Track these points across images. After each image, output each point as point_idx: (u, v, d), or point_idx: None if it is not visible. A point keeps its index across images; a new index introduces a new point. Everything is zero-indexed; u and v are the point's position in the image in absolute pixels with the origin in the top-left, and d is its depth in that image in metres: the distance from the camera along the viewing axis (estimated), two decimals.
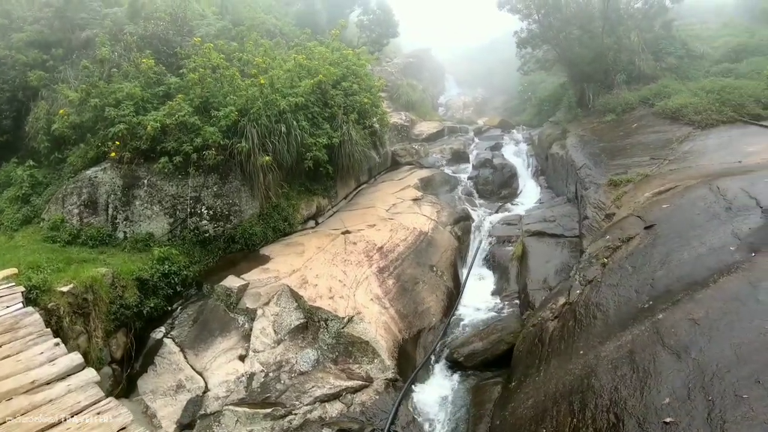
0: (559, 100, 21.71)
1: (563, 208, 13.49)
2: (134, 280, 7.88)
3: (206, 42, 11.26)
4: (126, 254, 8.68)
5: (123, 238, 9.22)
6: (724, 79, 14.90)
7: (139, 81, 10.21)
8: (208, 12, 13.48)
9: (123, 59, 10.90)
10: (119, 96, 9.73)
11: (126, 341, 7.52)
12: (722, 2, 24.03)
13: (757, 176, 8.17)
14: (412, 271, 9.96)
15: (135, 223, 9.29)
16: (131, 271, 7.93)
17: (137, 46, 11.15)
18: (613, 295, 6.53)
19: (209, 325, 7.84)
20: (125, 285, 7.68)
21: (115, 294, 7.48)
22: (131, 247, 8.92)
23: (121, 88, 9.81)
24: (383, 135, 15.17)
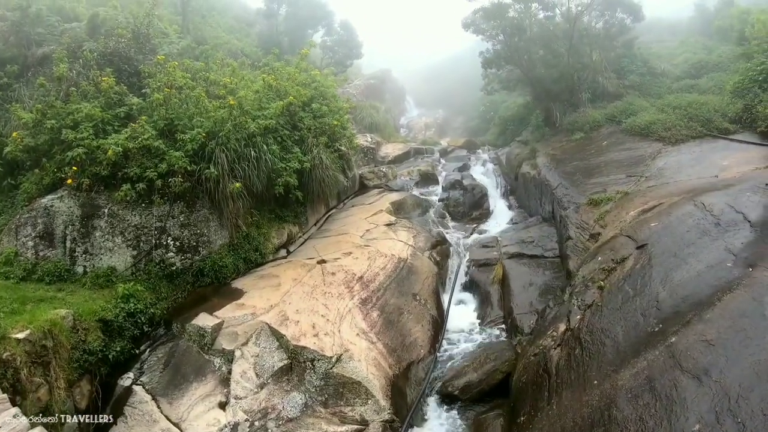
0: (524, 120, 22.26)
1: (540, 229, 13.63)
2: (97, 322, 7.32)
3: (170, 61, 10.87)
4: (87, 291, 8.09)
5: (83, 273, 8.60)
6: (690, 95, 15.64)
7: (99, 101, 9.70)
8: (170, 30, 13.08)
9: (82, 77, 10.37)
10: (77, 117, 9.20)
11: (91, 390, 6.93)
12: (677, 20, 25.39)
13: (737, 190, 8.46)
14: (395, 301, 9.73)
15: (95, 256, 8.69)
16: (93, 312, 7.37)
17: (97, 64, 10.64)
18: (618, 319, 6.50)
19: (182, 369, 7.32)
20: (87, 327, 7.12)
21: (77, 338, 6.92)
22: (92, 282, 8.32)
23: (79, 109, 9.28)
24: (351, 158, 15.02)
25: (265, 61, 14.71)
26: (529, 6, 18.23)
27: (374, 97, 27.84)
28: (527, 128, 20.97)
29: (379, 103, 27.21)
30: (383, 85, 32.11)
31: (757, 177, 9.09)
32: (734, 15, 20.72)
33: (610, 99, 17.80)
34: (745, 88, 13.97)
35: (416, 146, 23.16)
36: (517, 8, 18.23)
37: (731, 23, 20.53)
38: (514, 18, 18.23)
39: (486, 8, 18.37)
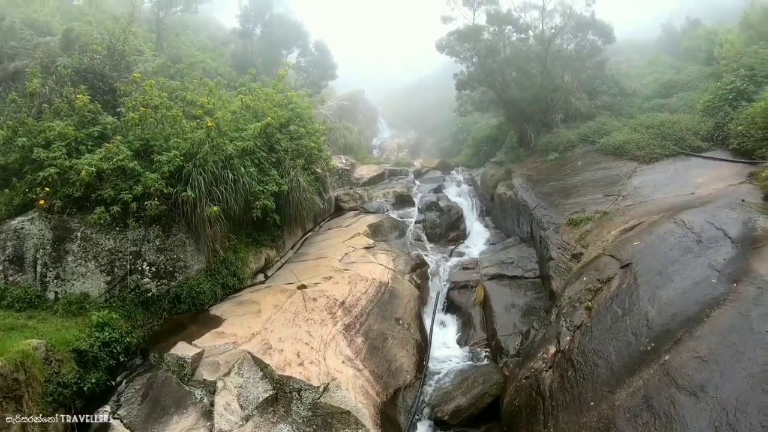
0: (497, 140, 22.70)
1: (519, 249, 13.78)
2: (71, 352, 7.09)
3: (145, 79, 10.75)
4: (59, 319, 7.84)
5: (54, 300, 8.33)
6: (662, 115, 16.19)
7: (73, 119, 9.49)
8: (145, 48, 12.96)
9: (55, 94, 10.14)
10: (50, 135, 8.99)
11: (66, 425, 6.64)
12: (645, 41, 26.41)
13: (714, 207, 8.79)
14: (378, 326, 9.70)
15: (67, 281, 8.43)
16: (67, 341, 7.14)
17: (71, 80, 10.45)
18: (610, 339, 6.61)
19: (162, 402, 7.10)
20: (61, 359, 6.88)
21: (51, 370, 6.68)
22: (64, 310, 8.06)
23: (52, 127, 9.07)
24: (327, 180, 15.03)
25: (242, 82, 14.68)
26: (503, 29, 18.76)
27: (347, 118, 28.09)
28: (501, 149, 21.38)
29: (353, 124, 27.47)
30: (356, 106, 32.42)
31: (733, 193, 9.47)
32: (701, 35, 21.69)
33: (583, 119, 18.32)
34: (716, 106, 14.50)
35: (390, 168, 23.36)
36: (492, 30, 18.76)
37: (698, 44, 21.45)
38: (489, 40, 18.72)
39: (461, 31, 18.85)
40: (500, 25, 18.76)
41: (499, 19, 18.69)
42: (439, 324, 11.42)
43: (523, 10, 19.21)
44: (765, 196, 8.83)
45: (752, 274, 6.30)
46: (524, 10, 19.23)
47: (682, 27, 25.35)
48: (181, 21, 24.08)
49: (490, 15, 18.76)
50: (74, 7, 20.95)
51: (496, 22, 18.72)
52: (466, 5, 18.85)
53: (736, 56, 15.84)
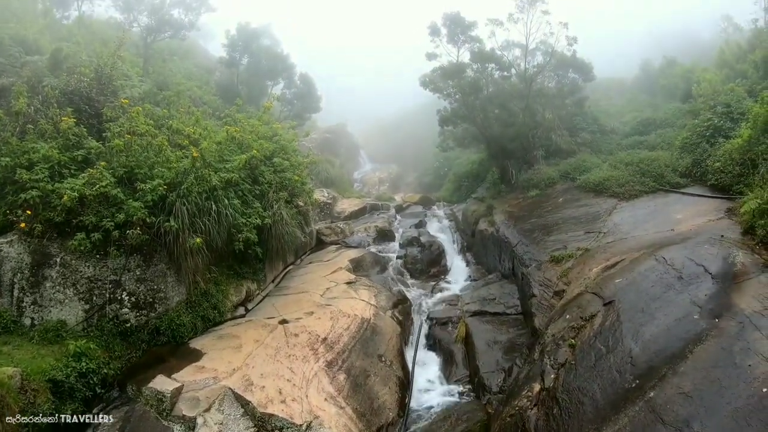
0: (479, 176, 23.10)
1: (501, 286, 13.93)
2: (47, 382, 6.97)
3: (132, 105, 10.81)
4: (35, 346, 7.72)
5: (30, 326, 8.21)
6: (641, 152, 16.70)
7: (57, 142, 9.44)
8: (132, 73, 13.02)
9: (40, 115, 10.05)
10: (34, 157, 8.94)
11: None
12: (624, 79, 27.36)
13: (695, 243, 9.08)
14: (361, 363, 9.70)
15: (45, 308, 8.32)
16: (43, 370, 7.03)
17: (57, 102, 10.36)
18: (594, 377, 6.73)
19: None
20: (37, 388, 6.76)
21: (26, 400, 6.55)
22: (40, 337, 7.95)
23: (36, 148, 9.03)
24: (309, 213, 15.11)
25: (228, 112, 14.82)
26: (486, 66, 19.35)
27: (329, 151, 28.40)
28: (483, 185, 21.76)
29: (335, 157, 27.79)
30: (339, 139, 32.84)
31: (712, 229, 9.78)
32: (678, 74, 22.52)
33: (564, 156, 18.82)
34: (694, 143, 14.90)
35: (372, 202, 23.54)
36: (475, 68, 19.33)
37: (675, 82, 22.26)
38: (472, 77, 19.27)
39: (445, 67, 19.37)
40: (483, 63, 19.35)
41: (483, 57, 19.29)
42: (422, 361, 11.42)
43: (505, 48, 19.91)
44: (744, 231, 9.11)
45: (733, 309, 6.53)
46: (507, 48, 19.93)
47: (660, 65, 26.29)
48: (168, 47, 24.33)
49: (473, 53, 19.37)
50: (64, 27, 21.04)
51: (479, 60, 19.31)
52: (451, 43, 19.45)
53: (713, 94, 16.33)
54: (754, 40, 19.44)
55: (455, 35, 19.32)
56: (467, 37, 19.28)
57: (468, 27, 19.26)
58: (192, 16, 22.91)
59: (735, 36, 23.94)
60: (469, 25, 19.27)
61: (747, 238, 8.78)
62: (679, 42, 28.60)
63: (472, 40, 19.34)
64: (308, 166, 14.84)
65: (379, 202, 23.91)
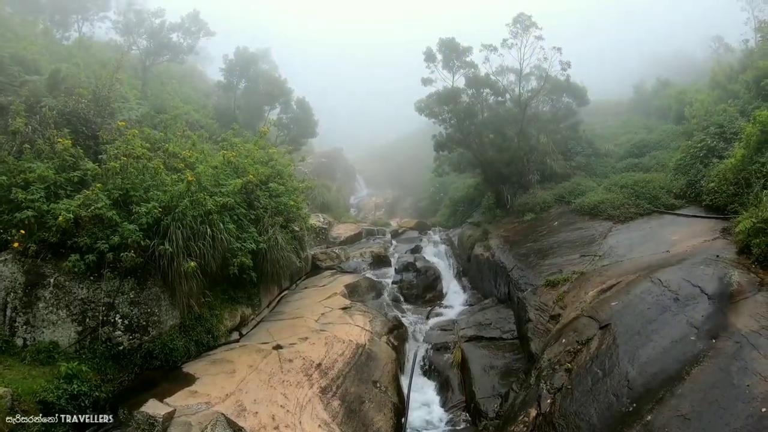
0: (474, 201, 23.20)
1: (497, 311, 13.89)
2: (38, 403, 6.90)
3: (129, 127, 10.90)
4: (26, 367, 7.67)
5: (23, 346, 8.16)
6: (635, 174, 16.79)
7: (54, 162, 9.49)
8: (130, 95, 13.14)
9: (38, 135, 10.12)
10: (30, 177, 8.95)
11: None
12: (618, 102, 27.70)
13: (691, 264, 9.05)
14: (355, 389, 9.62)
15: (37, 329, 8.28)
16: (34, 392, 6.96)
17: (55, 123, 10.44)
18: (591, 401, 6.69)
19: None
20: (27, 410, 6.69)
21: (16, 423, 6.46)
22: (32, 357, 7.91)
23: (32, 168, 9.05)
24: (305, 238, 15.13)
25: (224, 137, 14.94)
26: (480, 91, 19.62)
27: (326, 176, 28.57)
28: (478, 209, 21.83)
29: (331, 182, 27.94)
30: (335, 164, 33.05)
31: (707, 249, 9.80)
32: (671, 95, 22.80)
33: (558, 180, 18.96)
34: (688, 164, 15.01)
35: (368, 227, 23.62)
36: (470, 93, 19.60)
37: (669, 103, 22.52)
38: (467, 102, 19.53)
39: (440, 93, 19.63)
40: (478, 88, 19.62)
41: (477, 82, 19.56)
42: (417, 387, 11.33)
43: (500, 73, 20.19)
44: (739, 251, 9.12)
45: (730, 329, 6.52)
46: (501, 73, 20.22)
47: (653, 87, 26.61)
48: (167, 70, 24.62)
49: (468, 78, 19.65)
50: (63, 48, 21.24)
51: (474, 85, 19.57)
52: (446, 68, 19.73)
53: (706, 115, 16.48)
54: (745, 60, 19.73)
55: (450, 61, 19.62)
56: (462, 63, 19.58)
57: (463, 53, 19.57)
58: (191, 39, 23.31)
59: (726, 57, 24.33)
60: (464, 51, 19.58)
61: (743, 258, 8.80)
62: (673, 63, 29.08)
63: (467, 66, 19.64)
64: (304, 191, 14.91)
65: (375, 227, 24.00)
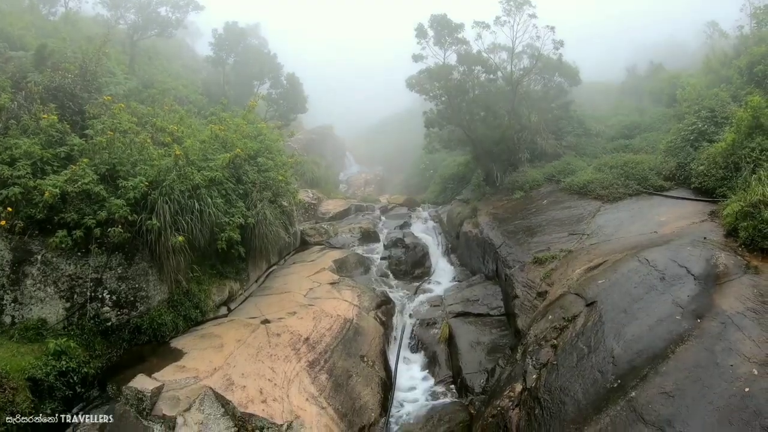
0: (464, 178, 23.12)
1: (484, 287, 13.93)
2: (26, 380, 6.85)
3: (116, 102, 10.66)
4: (14, 344, 7.59)
5: (10, 324, 8.06)
6: (625, 155, 16.79)
7: (39, 138, 9.27)
8: (118, 70, 12.82)
9: (23, 110, 9.88)
10: (16, 153, 8.74)
11: None
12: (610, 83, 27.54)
13: (678, 245, 9.10)
14: (343, 363, 9.63)
15: (25, 306, 8.18)
16: (22, 369, 6.91)
17: (41, 98, 10.22)
18: (576, 377, 6.72)
19: None
20: (16, 387, 6.63)
21: (5, 399, 6.43)
22: (20, 335, 7.82)
23: (18, 144, 8.84)
24: (293, 214, 15.02)
25: (212, 111, 14.67)
26: (472, 69, 19.38)
27: (315, 152, 28.34)
28: (468, 187, 21.78)
29: (320, 158, 27.68)
30: (324, 141, 32.78)
31: (695, 231, 9.86)
32: (664, 79, 22.69)
33: (549, 159, 18.91)
34: (678, 147, 15.08)
35: (357, 203, 23.50)
36: (461, 70, 19.36)
37: (661, 87, 22.44)
38: (458, 80, 19.30)
39: (431, 69, 19.39)
40: (470, 65, 19.38)
41: (469, 59, 19.32)
42: (404, 361, 11.39)
43: (492, 51, 19.95)
44: (726, 234, 9.20)
45: (715, 310, 6.55)
46: (493, 51, 19.97)
47: (646, 71, 26.49)
48: (154, 46, 24.13)
49: (460, 55, 19.40)
50: (50, 24, 20.78)
51: (466, 63, 19.34)
52: (437, 45, 19.44)
53: (698, 98, 16.48)
54: (739, 46, 19.62)
55: (442, 37, 19.33)
56: (454, 39, 19.30)
57: (455, 29, 19.28)
58: (179, 14, 22.77)
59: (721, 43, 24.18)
60: (455, 28, 19.29)
61: (730, 241, 8.87)
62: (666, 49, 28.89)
63: (459, 43, 19.37)
64: (293, 166, 14.75)
65: (364, 203, 23.88)
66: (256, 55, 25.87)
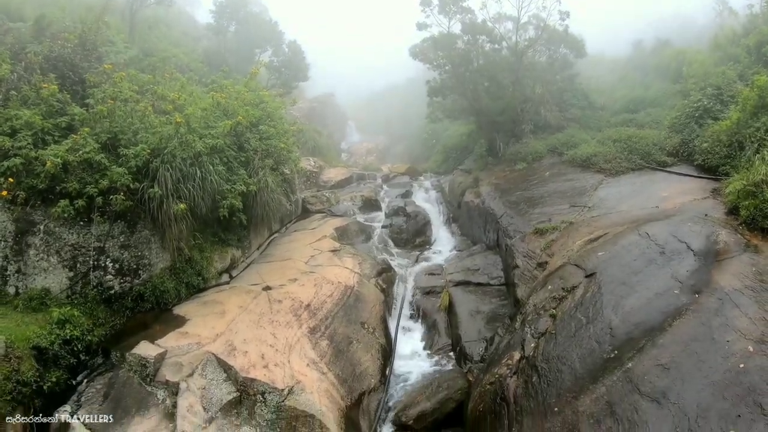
0: (467, 148, 22.93)
1: (485, 257, 13.92)
2: (31, 349, 6.89)
3: (116, 71, 10.53)
4: (19, 314, 7.64)
5: (14, 294, 8.12)
6: (629, 129, 16.60)
7: (40, 108, 9.19)
8: (117, 39, 12.61)
9: (23, 81, 9.79)
10: (16, 124, 8.68)
11: (24, 425, 6.44)
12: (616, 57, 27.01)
13: (679, 220, 9.07)
14: (343, 329, 9.70)
15: (29, 276, 8.22)
16: (27, 338, 6.95)
17: (41, 68, 10.12)
18: (573, 346, 6.76)
19: (123, 402, 6.93)
20: (21, 356, 6.68)
21: (10, 368, 6.48)
22: (24, 305, 7.87)
23: (19, 115, 8.76)
24: (295, 182, 14.94)
25: (213, 79, 14.47)
26: (477, 38, 19.01)
27: (317, 121, 28.06)
28: (470, 157, 21.61)
29: (322, 127, 27.42)
30: (326, 109, 32.46)
31: (696, 208, 9.80)
32: (670, 55, 22.27)
33: (552, 131, 18.69)
34: (682, 123, 14.88)
35: (358, 171, 23.37)
36: (466, 40, 18.99)
37: (668, 63, 22.05)
38: (462, 49, 18.94)
39: (435, 38, 19.04)
40: (474, 35, 19.01)
41: (474, 28, 18.95)
42: (404, 329, 11.47)
43: (497, 21, 19.55)
44: (728, 211, 9.15)
45: (713, 286, 6.55)
46: (498, 21, 19.58)
47: (653, 46, 26.00)
48: (154, 14, 23.65)
49: (465, 24, 19.01)
50: None
51: (470, 32, 18.97)
52: (442, 13, 19.05)
53: (704, 75, 16.24)
54: (748, 25, 19.16)
55: (447, 5, 18.89)
56: (459, 8, 18.87)
57: None
58: None
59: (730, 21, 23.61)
60: None
61: (730, 218, 8.82)
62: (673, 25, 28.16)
63: (464, 11, 18.94)
64: (295, 134, 14.61)
65: (366, 171, 23.73)
66: (258, 22, 25.39)
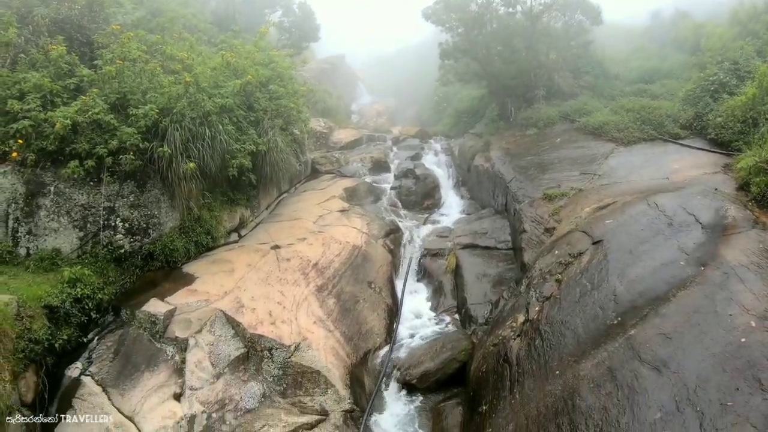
0: (478, 112, 22.55)
1: (493, 221, 13.85)
2: (43, 308, 6.97)
3: (124, 31, 10.37)
4: (30, 275, 7.70)
5: (26, 255, 8.19)
6: (643, 100, 16.24)
7: (48, 71, 9.09)
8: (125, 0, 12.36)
9: (31, 44, 9.68)
10: (25, 87, 8.60)
11: (37, 381, 6.57)
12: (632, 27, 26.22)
13: (689, 193, 8.90)
14: (350, 288, 9.75)
15: (39, 237, 8.27)
16: (39, 297, 7.01)
17: (48, 31, 9.96)
18: (577, 312, 6.74)
19: (133, 359, 7.05)
20: (33, 315, 6.76)
21: (22, 326, 6.56)
22: (36, 266, 7.92)
23: (27, 78, 8.67)
24: (304, 142, 14.81)
25: (223, 38, 14.22)
26: (491, 1, 18.47)
27: (327, 82, 27.67)
28: (481, 121, 21.26)
29: (332, 87, 27.04)
30: (337, 70, 31.98)
31: (707, 181, 9.62)
32: (689, 28, 21.61)
33: (565, 97, 18.29)
34: (697, 96, 14.52)
35: (368, 133, 23.11)
36: (479, 2, 18.45)
37: (686, 35, 21.41)
38: (476, 12, 18.43)
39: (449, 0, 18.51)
40: None
41: None
42: (411, 290, 11.52)
43: None
44: (738, 187, 9.01)
45: (719, 260, 6.46)
46: None
47: (671, 17, 25.18)
48: None
49: None
50: None
51: None
52: None
53: (722, 49, 15.79)
54: None
55: None
56: None
57: None
58: None
59: None
60: None
61: (741, 194, 8.69)
62: None
63: None
64: (305, 94, 14.41)
65: (376, 133, 23.45)
66: None
